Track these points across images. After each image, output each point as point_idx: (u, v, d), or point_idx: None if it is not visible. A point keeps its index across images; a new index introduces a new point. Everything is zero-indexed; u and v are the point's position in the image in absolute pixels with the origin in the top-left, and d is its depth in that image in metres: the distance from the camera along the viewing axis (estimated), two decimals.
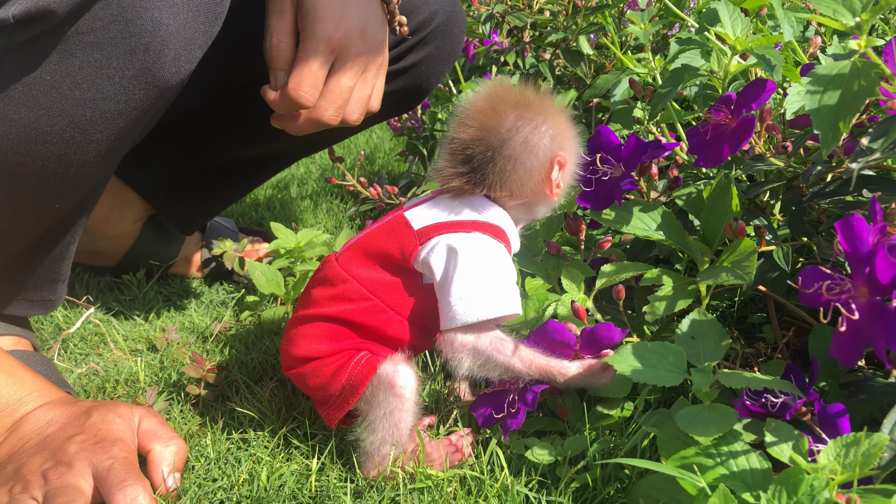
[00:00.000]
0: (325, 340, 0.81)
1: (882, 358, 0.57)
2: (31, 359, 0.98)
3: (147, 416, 0.84)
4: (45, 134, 0.79)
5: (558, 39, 1.38)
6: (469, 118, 0.80)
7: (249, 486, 0.81)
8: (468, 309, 0.76)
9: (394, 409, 0.79)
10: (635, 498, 0.72)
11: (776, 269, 0.84)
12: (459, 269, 0.76)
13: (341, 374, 0.79)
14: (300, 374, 0.82)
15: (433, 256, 0.78)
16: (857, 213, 0.61)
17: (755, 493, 0.63)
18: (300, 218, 1.64)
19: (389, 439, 0.79)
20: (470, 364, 0.78)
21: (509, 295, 0.78)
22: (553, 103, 0.82)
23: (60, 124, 0.78)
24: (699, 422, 0.68)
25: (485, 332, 0.78)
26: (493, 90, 0.82)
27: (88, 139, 0.81)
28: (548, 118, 0.80)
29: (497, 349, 0.78)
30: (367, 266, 0.81)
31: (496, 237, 0.80)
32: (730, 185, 0.84)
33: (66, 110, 0.78)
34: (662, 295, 0.82)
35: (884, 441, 0.60)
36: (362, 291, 0.80)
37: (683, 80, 0.89)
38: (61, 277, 1.01)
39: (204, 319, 1.23)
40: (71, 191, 0.86)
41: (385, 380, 0.78)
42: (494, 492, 0.76)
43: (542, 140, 0.79)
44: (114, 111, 0.80)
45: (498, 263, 0.79)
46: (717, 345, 0.77)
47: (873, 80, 0.68)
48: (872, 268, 0.58)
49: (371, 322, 0.80)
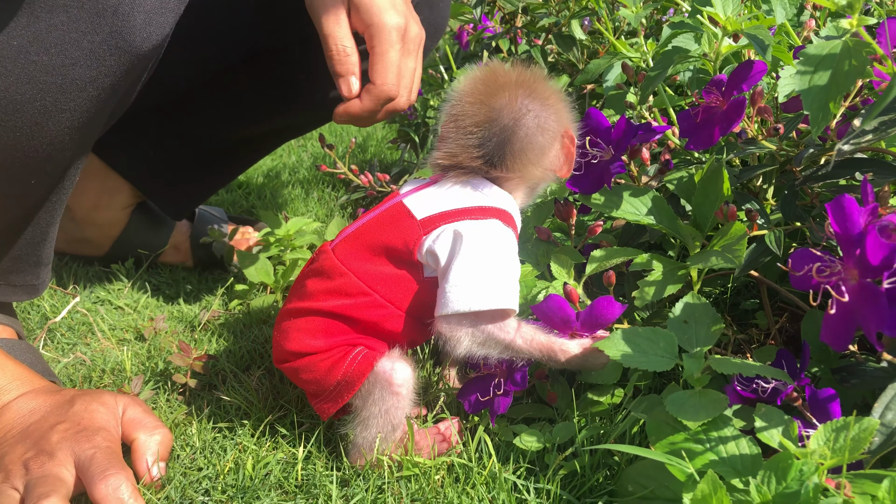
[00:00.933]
0: (320, 335, 0.78)
1: (872, 340, 0.56)
2: (15, 347, 0.97)
3: (131, 404, 0.83)
4: (14, 103, 0.76)
5: (550, 24, 1.37)
6: (476, 99, 0.78)
7: (235, 475, 0.80)
8: (461, 297, 0.74)
9: (390, 406, 0.77)
10: (624, 485, 0.71)
11: (768, 253, 0.83)
12: (461, 255, 0.74)
13: (337, 370, 0.77)
14: (293, 368, 0.80)
15: (439, 244, 0.76)
16: (847, 195, 0.60)
17: (744, 478, 0.63)
18: (291, 206, 1.63)
19: (382, 434, 0.77)
20: (469, 343, 0.76)
21: (507, 289, 0.75)
22: (548, 82, 0.81)
23: (30, 92, 0.76)
24: (689, 407, 0.67)
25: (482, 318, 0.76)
26: (491, 72, 0.80)
27: (60, 108, 0.78)
28: (550, 96, 0.79)
29: (498, 326, 0.76)
30: (367, 259, 0.78)
31: (506, 223, 0.78)
32: (721, 168, 0.83)
33: (35, 77, 0.76)
34: (652, 280, 0.81)
35: (874, 425, 0.59)
36: (361, 286, 0.77)
37: (674, 63, 0.88)
38: (44, 261, 0.99)
39: (193, 308, 1.22)
40: (47, 164, 0.84)
41: (382, 377, 0.77)
42: (482, 479, 0.75)
43: (550, 117, 0.78)
44: (84, 78, 0.78)
45: (502, 254, 0.76)
46: (710, 330, 0.76)
47: (864, 59, 0.67)
48: (863, 249, 0.57)
49: (369, 317, 0.78)
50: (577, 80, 1.15)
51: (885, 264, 0.56)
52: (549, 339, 0.78)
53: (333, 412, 0.79)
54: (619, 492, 0.72)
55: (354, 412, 0.79)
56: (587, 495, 0.73)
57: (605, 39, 1.43)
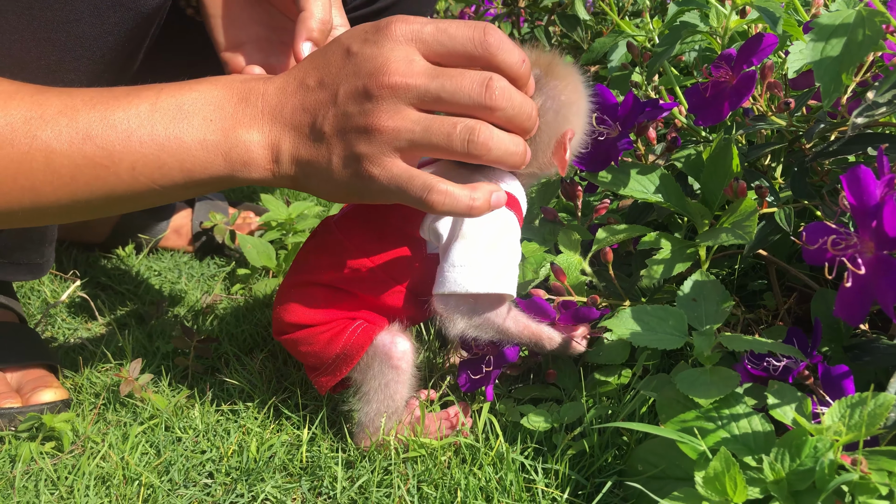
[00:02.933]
0: (320, 308, 0.78)
1: (889, 313, 0.55)
2: (16, 331, 0.96)
3: None
4: (19, 61, 0.75)
5: (553, 4, 1.35)
6: None
7: (239, 458, 0.79)
8: (460, 278, 0.73)
9: (389, 380, 0.76)
10: (634, 464, 0.70)
11: (778, 231, 0.81)
12: (463, 235, 0.73)
13: (336, 343, 0.77)
14: (293, 340, 0.79)
15: (441, 221, 0.75)
16: (863, 166, 0.58)
17: (757, 456, 0.61)
18: (293, 191, 1.61)
19: (384, 410, 0.77)
20: (464, 325, 0.75)
21: (506, 273, 0.74)
22: (562, 64, 0.76)
23: (35, 50, 0.75)
24: (700, 384, 0.66)
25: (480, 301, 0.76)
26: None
27: (65, 67, 0.77)
28: (557, 82, 0.74)
29: (494, 311, 0.75)
30: (368, 233, 0.77)
31: (509, 206, 0.76)
32: (730, 145, 0.81)
33: (40, 34, 0.74)
34: (660, 258, 0.80)
35: (890, 401, 0.58)
36: (362, 260, 0.77)
37: (681, 38, 0.86)
38: (48, 238, 0.98)
39: (194, 293, 1.20)
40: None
41: (382, 351, 0.76)
42: (489, 460, 0.74)
43: (548, 113, 0.74)
44: (89, 35, 0.76)
45: (504, 237, 0.75)
46: (719, 307, 0.74)
47: (878, 29, 0.66)
48: (880, 221, 0.56)
49: (369, 291, 0.77)
50: (582, 60, 1.14)
51: None
52: (539, 326, 0.78)
53: (331, 386, 0.78)
54: (629, 471, 0.71)
55: (355, 387, 0.79)
56: (596, 475, 0.73)
57: (610, 20, 1.41)
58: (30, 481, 0.77)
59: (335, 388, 0.81)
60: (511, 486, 0.71)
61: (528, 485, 0.72)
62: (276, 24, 0.85)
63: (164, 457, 0.79)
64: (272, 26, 0.86)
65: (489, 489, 0.72)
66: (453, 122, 0.64)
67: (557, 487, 0.72)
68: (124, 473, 0.77)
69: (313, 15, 0.75)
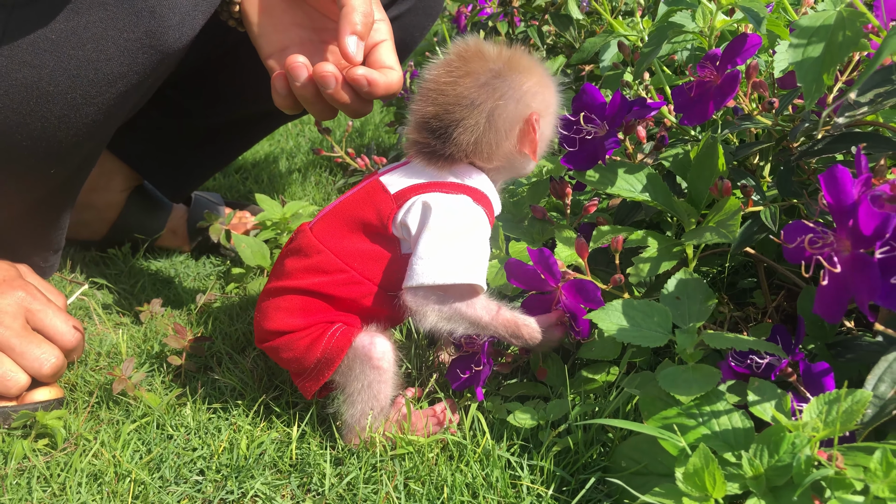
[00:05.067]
0: (297, 314, 0.78)
1: (865, 311, 0.56)
2: None
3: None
4: (46, 94, 0.78)
5: (547, 3, 1.36)
6: (440, 83, 0.76)
7: (229, 455, 0.80)
8: (427, 270, 0.73)
9: (372, 381, 0.77)
10: (618, 461, 0.71)
11: (764, 229, 0.82)
12: (429, 227, 0.73)
13: (316, 348, 0.77)
14: (273, 348, 0.80)
15: (410, 216, 0.75)
16: (841, 166, 0.59)
17: (737, 452, 0.62)
18: (289, 191, 1.62)
19: (370, 410, 0.77)
20: (435, 318, 0.75)
21: (474, 264, 0.74)
22: (526, 59, 0.77)
23: (63, 84, 0.77)
24: (681, 381, 0.67)
25: (449, 292, 0.76)
26: (465, 52, 0.77)
27: (89, 101, 0.80)
28: (519, 76, 0.75)
29: (465, 303, 0.76)
30: (343, 236, 0.78)
31: (477, 200, 0.78)
32: (716, 144, 0.82)
33: (69, 70, 0.77)
34: (647, 256, 0.81)
35: (867, 397, 0.58)
36: (338, 263, 0.77)
37: (668, 38, 0.87)
38: (54, 246, 1.00)
39: (189, 292, 1.21)
40: (68, 155, 0.85)
41: (362, 352, 0.77)
42: (476, 457, 0.75)
43: (509, 104, 0.75)
44: (116, 73, 0.79)
45: (471, 229, 0.75)
46: (703, 305, 0.75)
47: (858, 30, 0.66)
48: (856, 219, 0.56)
49: (346, 294, 0.78)
50: (573, 60, 1.14)
51: (878, 234, 0.55)
52: (514, 314, 0.78)
53: (316, 390, 0.79)
54: (613, 468, 0.72)
55: (340, 389, 0.79)
56: (581, 472, 0.73)
57: (604, 19, 1.41)
58: (22, 478, 0.78)
59: (320, 393, 0.82)
60: (497, 483, 0.72)
61: (514, 481, 0.73)
62: (318, 24, 0.87)
63: (153, 454, 0.80)
64: (314, 27, 0.88)
65: (475, 485, 0.72)
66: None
67: (542, 484, 0.72)
68: (116, 470, 0.78)
69: (355, 9, 0.78)
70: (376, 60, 0.85)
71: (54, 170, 0.86)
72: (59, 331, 0.88)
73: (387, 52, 0.85)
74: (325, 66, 0.80)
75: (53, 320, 0.88)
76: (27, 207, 0.91)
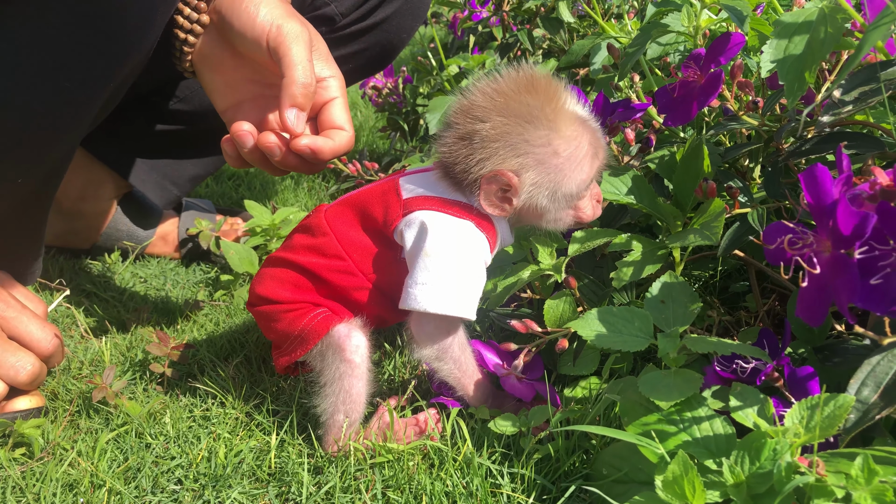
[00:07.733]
0: (288, 288, 0.80)
1: (844, 312, 0.54)
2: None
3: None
4: (4, 102, 0.76)
5: (537, 6, 1.34)
6: (467, 116, 0.74)
7: (207, 464, 0.79)
8: (420, 296, 0.74)
9: (343, 373, 0.77)
10: (599, 468, 0.70)
11: (752, 232, 0.80)
12: (426, 252, 0.73)
13: (296, 325, 0.78)
14: (260, 313, 0.83)
15: (408, 230, 0.75)
16: (820, 165, 0.58)
17: (718, 459, 0.61)
18: (281, 197, 1.61)
19: (342, 407, 0.77)
20: (428, 352, 0.77)
21: (466, 296, 0.75)
22: (570, 115, 0.74)
23: (22, 95, 0.76)
24: (662, 387, 0.65)
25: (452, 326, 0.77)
26: (490, 90, 0.74)
27: (52, 111, 0.79)
28: (547, 133, 0.72)
29: (451, 335, 0.77)
30: (351, 225, 0.79)
31: (480, 226, 0.76)
32: (701, 145, 0.80)
33: (27, 80, 0.76)
34: (630, 260, 0.79)
35: (849, 402, 0.57)
36: (338, 249, 0.78)
37: (652, 38, 0.85)
38: (33, 254, 0.99)
39: (178, 299, 1.20)
40: (36, 163, 0.84)
41: (336, 342, 0.77)
42: (456, 465, 0.73)
43: (496, 155, 0.72)
44: (76, 80, 0.79)
45: (466, 259, 0.75)
46: (688, 309, 0.74)
47: (840, 26, 0.65)
48: (835, 219, 0.55)
49: (339, 282, 0.78)
50: (562, 62, 1.13)
51: (857, 233, 0.53)
52: (474, 367, 0.80)
53: (286, 366, 0.81)
54: (594, 475, 0.70)
55: (315, 377, 0.80)
56: (562, 479, 0.72)
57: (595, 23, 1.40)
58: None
59: (292, 371, 0.85)
60: (477, 491, 0.71)
61: (494, 490, 0.71)
62: (269, 80, 0.89)
63: (129, 462, 0.79)
64: (265, 83, 0.89)
65: (455, 494, 0.71)
66: None
67: (523, 492, 0.71)
68: (92, 480, 0.77)
69: (294, 81, 0.79)
70: (326, 120, 0.87)
71: (21, 179, 0.85)
72: (36, 338, 0.87)
73: (338, 110, 0.87)
74: (269, 136, 0.82)
75: (29, 327, 0.87)
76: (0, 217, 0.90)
